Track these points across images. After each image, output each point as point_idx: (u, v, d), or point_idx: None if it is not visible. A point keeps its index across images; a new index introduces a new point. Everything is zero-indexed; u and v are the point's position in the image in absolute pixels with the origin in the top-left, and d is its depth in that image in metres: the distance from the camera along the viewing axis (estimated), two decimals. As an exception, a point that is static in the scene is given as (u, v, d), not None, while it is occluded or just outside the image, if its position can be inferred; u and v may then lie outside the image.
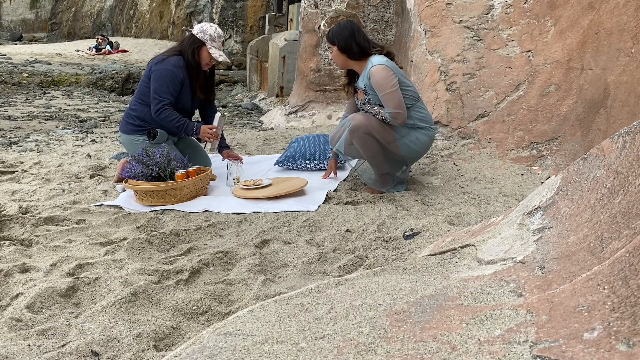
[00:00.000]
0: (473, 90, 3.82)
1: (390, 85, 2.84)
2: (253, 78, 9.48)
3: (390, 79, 2.85)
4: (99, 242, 2.32)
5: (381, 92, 2.85)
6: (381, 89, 2.85)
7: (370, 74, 2.87)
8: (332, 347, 1.00)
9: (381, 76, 2.84)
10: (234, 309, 1.75)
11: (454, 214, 2.60)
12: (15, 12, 22.42)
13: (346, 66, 3.05)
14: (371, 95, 2.93)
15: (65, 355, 1.44)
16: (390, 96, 2.84)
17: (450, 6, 4.05)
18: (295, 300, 1.23)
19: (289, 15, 9.67)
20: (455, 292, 1.18)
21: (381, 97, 2.86)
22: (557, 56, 3.57)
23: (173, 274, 1.99)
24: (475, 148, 3.71)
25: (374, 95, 2.92)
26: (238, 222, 2.60)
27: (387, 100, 2.85)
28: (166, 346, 1.54)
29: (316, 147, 3.68)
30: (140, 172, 2.86)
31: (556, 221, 1.31)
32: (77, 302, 1.80)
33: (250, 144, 4.67)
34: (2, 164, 3.76)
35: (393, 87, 2.84)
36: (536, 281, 1.12)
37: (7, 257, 2.11)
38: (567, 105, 3.49)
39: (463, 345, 0.95)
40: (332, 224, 2.56)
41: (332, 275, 2.01)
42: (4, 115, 6.15)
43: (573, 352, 0.84)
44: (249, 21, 13.77)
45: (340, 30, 2.96)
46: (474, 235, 1.65)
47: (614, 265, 0.99)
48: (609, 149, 1.31)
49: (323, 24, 5.83)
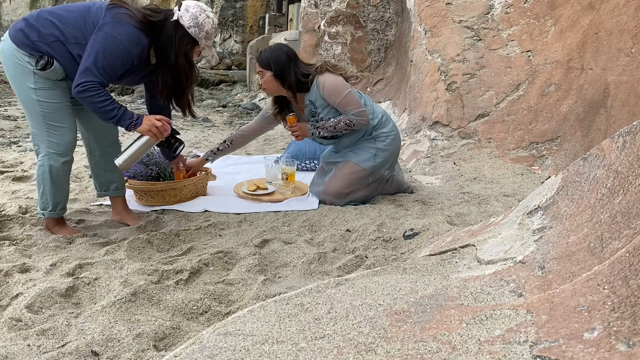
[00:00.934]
0: (473, 90, 3.82)
1: (344, 87, 2.75)
2: (253, 78, 9.48)
3: (341, 81, 2.76)
4: (98, 242, 2.32)
5: (338, 98, 2.74)
6: (337, 94, 2.74)
7: (320, 83, 2.74)
8: (332, 347, 1.00)
9: (333, 81, 2.74)
10: (234, 309, 1.75)
11: (454, 214, 2.60)
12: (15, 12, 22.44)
13: (278, 93, 2.84)
14: (321, 110, 2.80)
15: (65, 355, 1.44)
16: (349, 98, 2.75)
17: (450, 6, 4.05)
18: (295, 300, 1.23)
19: (289, 15, 9.68)
20: (455, 292, 1.18)
21: (339, 103, 2.74)
22: (557, 56, 3.57)
23: (173, 274, 1.99)
24: (475, 148, 3.71)
25: (324, 108, 2.79)
26: (238, 222, 2.60)
27: (347, 103, 2.75)
28: (166, 346, 1.54)
29: (316, 147, 3.69)
30: (140, 172, 2.86)
31: (556, 221, 1.31)
32: (77, 302, 1.80)
33: (250, 144, 4.67)
34: (2, 164, 3.76)
35: (347, 89, 2.76)
36: (536, 281, 1.12)
37: (7, 257, 2.11)
38: (567, 105, 3.49)
39: (463, 345, 0.95)
40: (332, 224, 2.56)
41: (332, 275, 2.01)
42: (4, 115, 6.14)
43: (573, 352, 0.84)
44: (249, 21, 13.77)
45: (276, 54, 2.76)
46: (474, 235, 1.65)
47: (614, 265, 0.99)
48: (609, 148, 1.31)
49: (323, 24, 5.83)
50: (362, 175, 2.85)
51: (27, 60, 2.17)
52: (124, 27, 2.15)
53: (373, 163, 2.85)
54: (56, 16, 2.20)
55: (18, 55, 2.17)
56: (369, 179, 2.88)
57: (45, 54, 2.17)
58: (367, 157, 2.86)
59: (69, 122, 2.27)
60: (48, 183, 2.31)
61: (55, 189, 2.33)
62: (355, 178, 2.84)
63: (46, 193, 2.33)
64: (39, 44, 2.16)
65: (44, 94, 2.20)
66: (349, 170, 2.85)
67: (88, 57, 2.11)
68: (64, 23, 2.18)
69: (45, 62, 2.15)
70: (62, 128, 2.25)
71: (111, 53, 2.12)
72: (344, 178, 2.84)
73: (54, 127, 2.24)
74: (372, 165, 2.85)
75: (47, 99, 2.20)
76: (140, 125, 2.22)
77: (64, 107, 2.26)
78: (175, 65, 2.25)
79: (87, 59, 2.11)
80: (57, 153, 2.26)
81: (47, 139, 2.24)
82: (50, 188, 2.32)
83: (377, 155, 2.86)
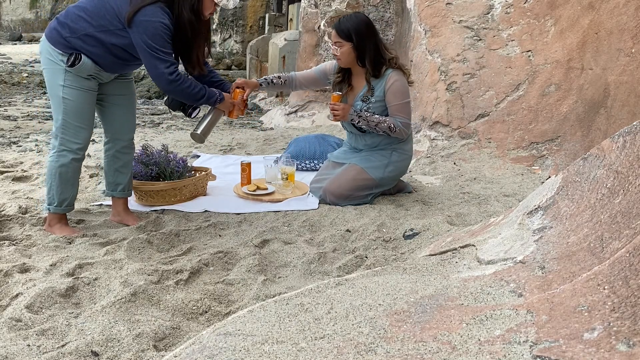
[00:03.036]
0: (473, 90, 3.82)
1: (408, 95, 2.76)
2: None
3: (407, 88, 2.77)
4: (98, 242, 2.31)
5: (398, 101, 2.72)
6: (400, 97, 2.72)
7: (391, 77, 2.72)
8: (332, 347, 1.00)
9: (403, 84, 2.74)
10: (234, 309, 1.75)
11: (454, 214, 2.60)
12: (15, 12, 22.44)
13: (351, 66, 2.79)
14: (374, 101, 2.77)
15: (65, 355, 1.44)
16: (406, 106, 2.75)
17: (450, 6, 4.05)
18: (295, 300, 1.23)
19: (288, 15, 9.68)
20: (455, 292, 1.18)
21: (395, 105, 2.73)
22: (557, 56, 3.57)
23: (173, 274, 1.99)
24: (476, 148, 3.71)
25: (378, 101, 2.77)
26: (238, 222, 2.60)
27: (401, 109, 2.73)
28: (166, 346, 1.54)
29: (316, 147, 3.69)
30: (140, 172, 2.86)
31: (556, 221, 1.31)
32: (77, 302, 1.79)
33: (250, 144, 4.66)
34: (2, 164, 3.76)
35: (409, 98, 2.77)
36: (536, 281, 1.12)
37: (7, 257, 2.11)
38: (567, 105, 3.49)
39: (463, 345, 0.95)
40: (332, 224, 2.56)
41: (332, 275, 2.01)
42: (4, 115, 6.14)
43: (573, 352, 0.84)
44: (249, 21, 13.77)
45: (359, 26, 2.68)
46: (474, 235, 1.65)
47: (614, 265, 0.99)
48: (609, 149, 1.31)
49: (323, 24, 5.83)
50: (367, 184, 2.83)
51: (60, 58, 2.27)
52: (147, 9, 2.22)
53: (382, 175, 2.82)
54: (82, 9, 2.29)
55: (53, 54, 2.28)
56: (372, 189, 2.85)
57: (79, 48, 2.27)
58: (378, 166, 2.83)
59: (85, 124, 2.36)
60: (56, 179, 2.37)
61: (62, 185, 2.38)
62: (360, 184, 2.82)
63: (53, 188, 2.39)
64: (72, 40, 2.26)
65: (70, 93, 2.29)
66: (356, 174, 2.82)
67: (143, 53, 2.23)
68: (89, 14, 2.27)
69: (74, 58, 2.25)
70: (78, 127, 2.34)
71: (154, 36, 2.21)
72: (348, 180, 2.82)
73: (70, 125, 2.33)
74: (380, 177, 2.82)
75: (71, 97, 2.30)
76: (222, 101, 2.46)
77: (86, 109, 2.36)
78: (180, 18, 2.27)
79: (144, 54, 2.24)
80: (68, 150, 2.35)
81: (61, 136, 2.34)
82: (58, 184, 2.37)
83: (388, 167, 2.83)
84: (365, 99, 2.79)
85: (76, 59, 2.25)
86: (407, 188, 3.07)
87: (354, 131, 2.91)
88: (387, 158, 2.84)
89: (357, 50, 2.70)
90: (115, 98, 2.50)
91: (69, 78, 2.28)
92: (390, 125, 2.73)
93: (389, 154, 2.85)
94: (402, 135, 2.78)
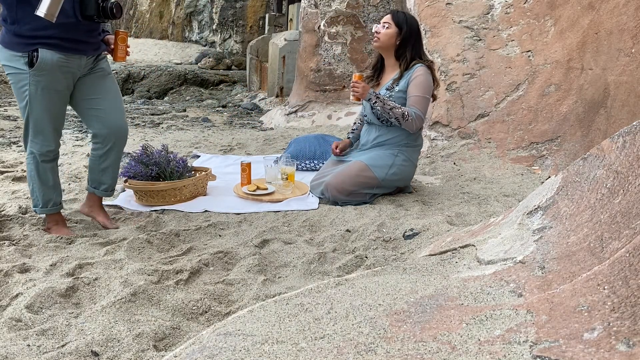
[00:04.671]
0: (473, 90, 3.82)
1: (430, 92, 2.81)
2: (253, 78, 9.49)
3: (431, 87, 2.82)
4: (98, 242, 2.31)
5: (417, 92, 2.77)
6: (420, 90, 2.77)
7: (418, 70, 2.79)
8: (332, 347, 1.00)
9: (427, 79, 2.79)
10: (234, 309, 1.75)
11: (454, 214, 2.60)
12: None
13: (386, 50, 2.89)
14: (397, 90, 2.83)
15: (65, 355, 1.44)
16: (424, 101, 2.79)
17: (450, 6, 4.05)
18: (295, 300, 1.23)
19: (288, 15, 9.68)
20: (455, 292, 1.18)
21: (413, 97, 2.78)
22: (557, 56, 3.57)
23: (173, 274, 1.99)
24: (475, 148, 3.71)
25: (399, 91, 2.82)
26: (238, 222, 2.60)
27: (419, 102, 2.78)
28: (166, 346, 1.54)
29: (316, 147, 3.69)
30: (140, 172, 2.86)
31: (556, 221, 1.31)
32: (77, 302, 1.80)
33: (250, 144, 4.67)
34: (2, 164, 3.76)
35: (429, 94, 2.81)
36: (536, 281, 1.12)
37: (7, 257, 2.11)
38: (567, 105, 3.49)
39: (463, 345, 0.95)
40: (332, 224, 2.56)
41: (332, 275, 2.01)
42: (4, 115, 6.14)
43: (573, 352, 0.84)
44: (249, 21, 13.77)
45: (414, 22, 2.85)
46: (474, 235, 1.65)
47: (614, 265, 0.99)
48: (609, 149, 1.31)
49: (323, 24, 5.83)
50: (369, 182, 2.84)
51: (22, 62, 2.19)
52: None
53: (384, 175, 2.84)
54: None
55: (13, 59, 2.21)
56: (373, 188, 2.87)
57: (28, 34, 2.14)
58: (382, 166, 2.85)
59: (53, 127, 2.34)
60: (35, 180, 2.39)
61: (43, 185, 2.39)
62: (362, 180, 2.83)
63: (35, 190, 2.41)
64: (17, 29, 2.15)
65: (36, 96, 2.24)
66: (359, 170, 2.84)
67: None
68: None
69: (31, 57, 2.17)
70: (45, 133, 2.33)
71: None
72: (351, 176, 2.84)
73: (38, 131, 2.32)
74: (383, 178, 2.84)
75: (38, 100, 2.25)
76: None
77: (54, 111, 2.31)
78: None
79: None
80: (38, 152, 2.36)
81: (31, 139, 2.35)
82: (38, 185, 2.39)
83: (391, 168, 2.85)
84: (390, 88, 2.87)
85: (34, 57, 2.16)
86: (407, 188, 3.08)
87: (370, 116, 2.94)
88: (391, 159, 2.87)
89: (401, 39, 2.82)
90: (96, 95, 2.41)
91: (34, 82, 2.21)
92: (405, 113, 2.76)
93: (394, 155, 2.87)
94: (412, 126, 2.80)
